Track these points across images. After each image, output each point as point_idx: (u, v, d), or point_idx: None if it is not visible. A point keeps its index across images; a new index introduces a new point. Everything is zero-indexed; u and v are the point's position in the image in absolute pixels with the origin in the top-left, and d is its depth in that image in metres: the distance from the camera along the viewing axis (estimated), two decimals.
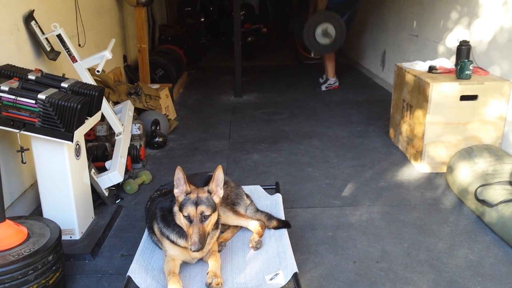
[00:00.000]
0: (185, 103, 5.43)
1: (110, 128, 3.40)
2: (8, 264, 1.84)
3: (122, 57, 5.17)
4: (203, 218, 1.92)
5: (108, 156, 3.21)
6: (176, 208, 2.00)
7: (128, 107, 3.62)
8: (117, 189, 3.08)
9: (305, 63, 7.87)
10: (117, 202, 2.98)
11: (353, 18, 6.00)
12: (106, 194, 2.92)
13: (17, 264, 1.85)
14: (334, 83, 6.02)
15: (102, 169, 3.01)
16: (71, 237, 2.48)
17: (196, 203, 1.92)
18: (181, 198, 1.97)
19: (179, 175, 1.98)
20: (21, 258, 1.88)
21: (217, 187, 2.04)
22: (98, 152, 3.26)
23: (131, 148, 3.41)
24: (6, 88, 2.18)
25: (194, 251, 1.86)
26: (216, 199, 2.01)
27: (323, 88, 5.99)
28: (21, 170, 2.77)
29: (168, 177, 3.29)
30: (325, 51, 5.84)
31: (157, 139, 3.88)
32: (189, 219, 1.91)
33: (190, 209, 1.91)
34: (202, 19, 8.61)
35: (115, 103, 3.83)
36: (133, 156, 3.42)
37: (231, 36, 8.35)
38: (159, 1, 7.36)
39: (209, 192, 2.00)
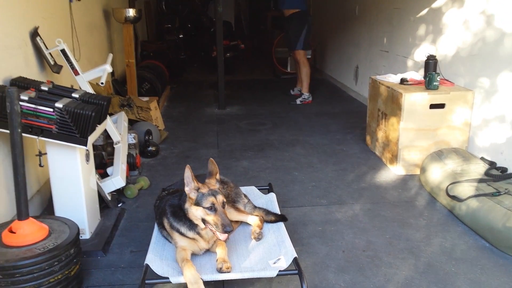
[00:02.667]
0: (171, 115, 5.64)
1: (105, 138, 3.58)
2: (36, 256, 2.01)
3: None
4: (223, 205, 2.15)
5: (106, 164, 3.39)
6: (188, 204, 2.20)
7: (123, 118, 3.82)
8: (118, 194, 3.26)
9: (282, 77, 8.23)
10: (119, 205, 3.16)
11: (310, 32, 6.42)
12: (109, 198, 3.10)
13: (44, 256, 2.02)
14: (308, 98, 6.34)
15: (101, 176, 3.19)
16: (81, 236, 2.64)
17: (214, 194, 2.15)
18: (193, 194, 2.17)
19: (187, 173, 2.17)
20: (47, 251, 2.05)
21: (212, 178, 2.27)
22: (96, 160, 3.43)
23: (128, 156, 3.60)
24: (26, 98, 2.37)
25: (228, 232, 2.07)
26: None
27: (298, 102, 6.30)
28: (29, 176, 2.92)
29: (164, 183, 3.49)
30: None
31: (150, 148, 4.08)
32: (212, 208, 2.12)
33: (212, 200, 2.13)
34: (181, 36, 8.89)
35: (109, 114, 4.01)
36: (130, 164, 3.62)
37: (209, 52, 8.64)
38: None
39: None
